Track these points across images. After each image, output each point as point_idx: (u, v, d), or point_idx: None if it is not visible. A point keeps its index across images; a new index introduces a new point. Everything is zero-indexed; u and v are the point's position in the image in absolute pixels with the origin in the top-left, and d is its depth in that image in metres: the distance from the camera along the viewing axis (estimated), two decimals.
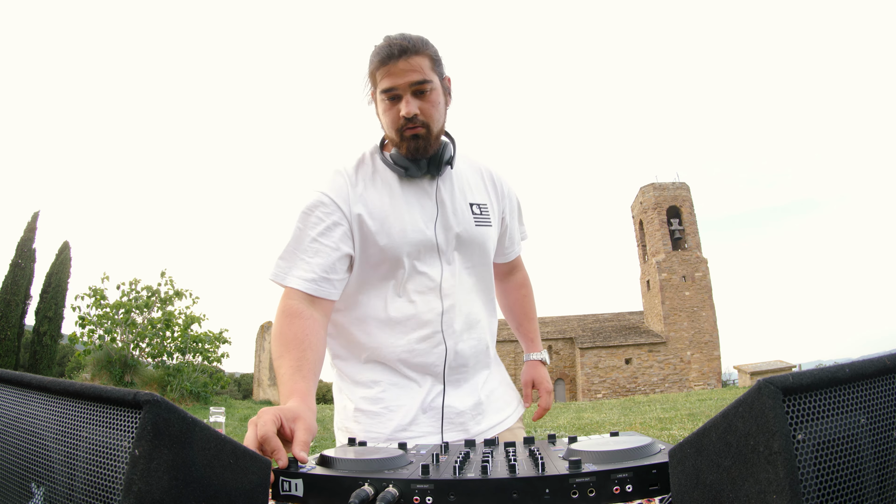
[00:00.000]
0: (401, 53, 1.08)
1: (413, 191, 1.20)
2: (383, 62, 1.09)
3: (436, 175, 1.21)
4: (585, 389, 31.99)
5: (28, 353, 17.35)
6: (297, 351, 0.99)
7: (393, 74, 1.09)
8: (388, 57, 1.09)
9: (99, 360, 15.27)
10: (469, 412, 1.20)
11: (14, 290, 16.99)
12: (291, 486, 0.64)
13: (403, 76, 1.09)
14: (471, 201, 1.25)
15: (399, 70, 1.08)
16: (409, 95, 1.10)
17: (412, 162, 1.16)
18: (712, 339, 32.33)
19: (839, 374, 0.47)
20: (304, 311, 1.05)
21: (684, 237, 34.14)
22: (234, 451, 0.56)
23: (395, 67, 1.08)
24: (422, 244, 1.17)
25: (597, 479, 0.57)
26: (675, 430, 8.02)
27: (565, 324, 36.57)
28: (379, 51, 1.11)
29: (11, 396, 0.61)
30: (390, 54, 1.08)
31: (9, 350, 16.30)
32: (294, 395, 0.91)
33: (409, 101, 1.10)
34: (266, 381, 21.23)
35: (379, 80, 1.11)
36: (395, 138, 1.15)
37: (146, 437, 0.47)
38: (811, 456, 0.43)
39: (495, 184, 1.34)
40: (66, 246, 18.79)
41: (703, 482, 0.50)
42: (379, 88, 1.12)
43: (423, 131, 1.12)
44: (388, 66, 1.09)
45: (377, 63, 1.11)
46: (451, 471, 0.61)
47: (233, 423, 11.06)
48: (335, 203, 1.13)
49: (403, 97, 1.10)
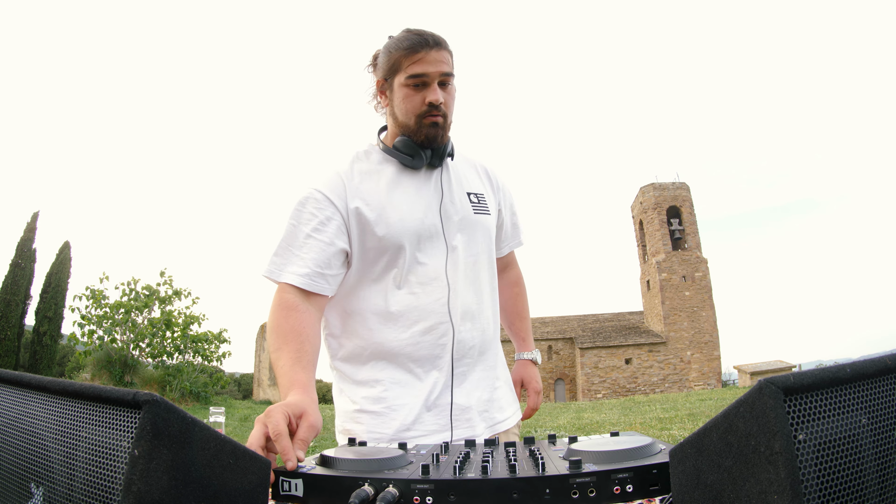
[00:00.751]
0: (434, 44, 1.13)
1: (412, 181, 1.21)
2: (414, 50, 1.13)
3: (437, 165, 1.23)
4: (585, 389, 32.00)
5: (28, 353, 17.36)
6: (296, 343, 0.99)
7: (425, 62, 1.13)
8: (421, 45, 1.12)
9: (99, 361, 15.27)
10: (475, 408, 1.19)
11: (14, 290, 16.99)
12: (291, 486, 0.64)
13: (435, 65, 1.13)
14: (468, 191, 1.27)
15: (432, 59, 1.13)
16: (436, 84, 1.14)
17: (419, 150, 1.18)
18: (712, 339, 32.34)
19: (840, 374, 0.47)
20: (299, 304, 1.05)
21: (684, 237, 34.15)
22: (234, 451, 0.56)
23: (428, 56, 1.12)
24: (422, 232, 1.17)
25: (597, 479, 0.57)
26: (676, 430, 8.03)
27: (565, 324, 36.57)
28: (408, 39, 1.14)
29: (11, 396, 0.61)
30: (424, 42, 1.12)
31: (9, 350, 16.30)
32: (295, 386, 0.91)
33: (436, 89, 1.14)
34: (266, 381, 21.23)
35: (405, 67, 1.14)
36: (412, 125, 1.17)
37: (146, 437, 0.47)
38: (812, 456, 0.43)
39: (490, 177, 1.36)
40: (66, 246, 18.79)
41: (703, 482, 0.49)
42: (406, 74, 1.14)
43: (442, 121, 1.17)
44: (419, 53, 1.12)
45: (406, 51, 1.13)
46: (452, 471, 0.61)
47: (233, 423, 11.06)
48: (328, 198, 1.13)
49: (430, 85, 1.14)
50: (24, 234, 18.01)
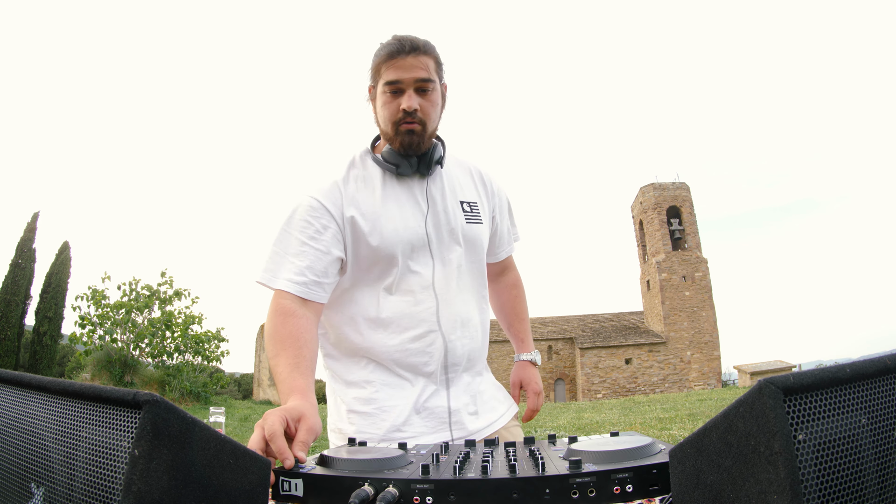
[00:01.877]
0: (411, 50, 1.11)
1: (403, 190, 1.21)
2: (391, 56, 1.12)
3: (426, 174, 1.22)
4: (585, 389, 31.99)
5: (28, 353, 17.35)
6: (294, 348, 0.99)
7: (400, 68, 1.11)
8: (397, 51, 1.11)
9: (99, 360, 15.27)
10: (464, 410, 1.19)
11: (14, 290, 16.99)
12: (291, 486, 0.64)
13: (410, 71, 1.12)
14: (461, 199, 1.26)
15: (407, 65, 1.11)
16: (411, 91, 1.13)
17: (403, 159, 1.17)
18: (712, 339, 32.33)
19: (840, 375, 0.47)
20: (297, 310, 1.05)
21: (684, 237, 34.13)
22: (234, 452, 0.56)
23: (404, 62, 1.11)
24: (414, 242, 1.17)
25: (597, 479, 0.57)
26: (675, 430, 8.02)
27: (565, 324, 36.56)
28: (388, 45, 1.13)
29: (11, 396, 0.61)
30: (400, 49, 1.11)
31: (9, 350, 16.30)
32: (294, 392, 0.91)
33: (412, 95, 1.13)
34: (266, 381, 21.23)
35: (384, 73, 1.13)
36: (389, 132, 1.16)
37: (146, 437, 0.47)
38: (812, 456, 0.43)
39: (485, 183, 1.35)
40: (66, 246, 18.79)
41: (703, 482, 0.49)
42: (383, 80, 1.14)
43: (419, 128, 1.15)
44: (395, 59, 1.11)
45: (384, 56, 1.13)
46: (452, 471, 0.61)
47: (233, 423, 11.06)
48: (324, 206, 1.13)
49: (406, 91, 1.13)
50: (24, 234, 18.02)
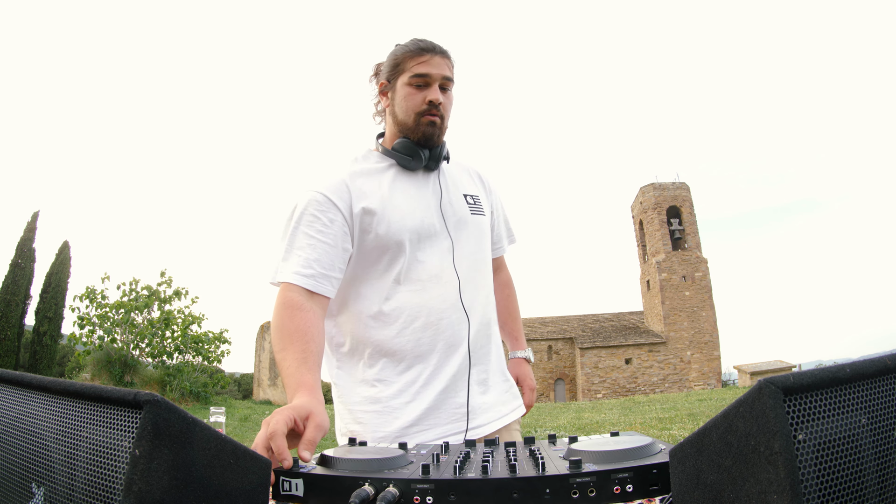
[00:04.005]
0: (440, 51, 1.22)
1: (411, 182, 1.25)
2: (420, 52, 1.21)
3: (433, 168, 1.29)
4: (585, 389, 31.99)
5: (28, 353, 17.35)
6: (301, 343, 0.99)
7: (429, 64, 1.21)
8: (426, 49, 1.21)
9: (99, 361, 15.26)
10: (477, 402, 1.19)
11: (14, 290, 16.98)
12: (292, 485, 0.64)
13: (438, 68, 1.21)
14: (464, 192, 1.32)
15: (436, 62, 1.21)
16: (437, 86, 1.22)
17: (417, 150, 1.23)
18: (712, 339, 32.33)
19: (840, 374, 0.47)
20: (304, 303, 1.06)
21: (684, 237, 34.13)
22: (235, 452, 0.56)
23: (433, 59, 1.21)
24: (423, 231, 1.20)
25: (597, 479, 0.57)
26: (675, 430, 8.03)
27: (565, 324, 36.54)
28: (415, 43, 1.22)
29: (12, 396, 0.61)
30: (430, 48, 1.21)
31: (9, 350, 16.29)
32: (302, 387, 0.91)
33: (437, 90, 1.22)
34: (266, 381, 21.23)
35: (410, 67, 1.21)
36: (410, 123, 1.22)
37: (146, 437, 0.47)
38: (812, 456, 0.43)
39: (483, 181, 1.43)
40: (65, 246, 18.78)
41: (703, 482, 0.50)
42: (410, 73, 1.21)
43: (440, 121, 1.23)
44: (425, 56, 1.21)
45: (412, 52, 1.21)
46: (452, 470, 0.61)
47: (233, 423, 11.06)
48: (331, 200, 1.15)
49: (432, 86, 1.21)
50: (24, 234, 18.01)
